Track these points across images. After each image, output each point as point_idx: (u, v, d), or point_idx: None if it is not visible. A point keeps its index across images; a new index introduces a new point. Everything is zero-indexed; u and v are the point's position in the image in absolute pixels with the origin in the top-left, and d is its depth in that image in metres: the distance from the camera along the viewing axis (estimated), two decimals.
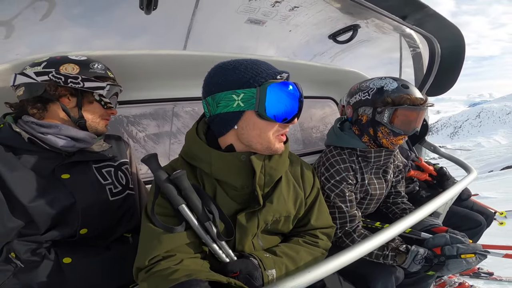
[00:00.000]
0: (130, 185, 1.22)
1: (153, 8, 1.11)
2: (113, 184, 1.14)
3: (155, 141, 1.87)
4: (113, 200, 1.12)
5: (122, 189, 1.17)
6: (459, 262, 1.12)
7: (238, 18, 1.49)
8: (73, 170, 1.05)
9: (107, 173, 1.15)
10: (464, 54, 1.91)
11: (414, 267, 1.18)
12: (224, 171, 0.95)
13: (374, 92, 1.38)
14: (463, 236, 1.24)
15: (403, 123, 1.34)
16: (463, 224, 1.75)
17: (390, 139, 1.39)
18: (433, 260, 1.16)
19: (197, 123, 1.05)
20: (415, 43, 2.04)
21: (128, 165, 1.26)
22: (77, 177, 1.05)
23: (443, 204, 1.31)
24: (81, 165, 1.09)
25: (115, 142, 1.27)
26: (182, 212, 0.89)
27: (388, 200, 1.67)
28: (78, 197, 1.02)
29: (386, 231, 1.01)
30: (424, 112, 1.37)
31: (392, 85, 1.35)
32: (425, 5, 1.42)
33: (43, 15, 1.10)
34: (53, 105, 1.05)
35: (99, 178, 1.11)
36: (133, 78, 1.48)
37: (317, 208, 1.15)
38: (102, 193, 1.10)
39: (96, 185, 1.10)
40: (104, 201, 1.10)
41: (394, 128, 1.34)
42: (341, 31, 1.80)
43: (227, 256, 0.92)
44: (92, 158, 1.13)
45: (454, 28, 1.72)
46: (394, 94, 1.33)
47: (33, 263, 0.96)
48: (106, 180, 1.13)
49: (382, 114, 1.35)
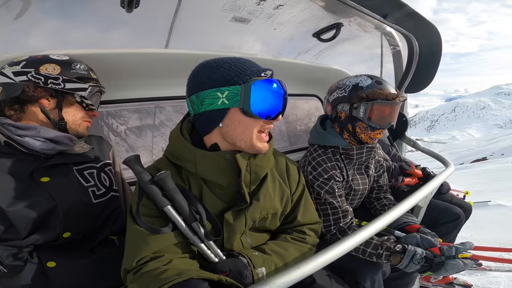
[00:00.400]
0: (114, 187, 1.18)
1: (135, 6, 1.07)
2: (96, 186, 1.11)
3: (136, 142, 1.83)
4: (97, 202, 1.09)
5: (106, 191, 1.14)
6: (456, 263, 1.12)
7: (223, 16, 1.48)
8: (52, 173, 1.01)
9: (90, 175, 1.11)
10: (441, 52, 1.98)
11: (413, 267, 1.15)
12: (209, 171, 0.95)
13: (350, 89, 1.43)
14: (433, 236, 1.28)
15: (378, 117, 1.40)
16: (442, 217, 1.81)
17: (368, 133, 1.43)
18: (433, 260, 1.14)
19: (181, 122, 1.04)
20: (395, 41, 2.10)
21: (111, 166, 1.22)
22: (57, 180, 1.01)
23: (423, 198, 1.36)
24: (61, 167, 1.05)
25: (96, 143, 1.23)
26: (168, 214, 0.88)
27: (371, 195, 1.72)
28: (59, 200, 0.98)
29: (372, 226, 1.03)
30: (398, 107, 1.42)
31: (367, 81, 1.41)
32: (405, 3, 1.46)
33: (17, 13, 1.04)
34: (31, 107, 1.00)
35: (81, 180, 1.08)
36: (114, 77, 1.44)
37: (303, 204, 1.16)
38: (84, 195, 1.07)
39: (78, 187, 1.06)
40: (87, 203, 1.07)
41: (370, 123, 1.40)
42: (325, 30, 1.82)
43: (216, 256, 0.92)
44: (73, 160, 1.08)
45: (432, 26, 1.77)
46: (368, 90, 1.39)
47: (16, 268, 0.93)
48: (89, 182, 1.10)
49: (358, 109, 1.40)
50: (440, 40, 1.86)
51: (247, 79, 0.90)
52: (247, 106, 0.89)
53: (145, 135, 1.83)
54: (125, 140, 1.74)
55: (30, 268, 0.94)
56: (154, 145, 1.86)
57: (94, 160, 1.16)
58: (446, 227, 1.80)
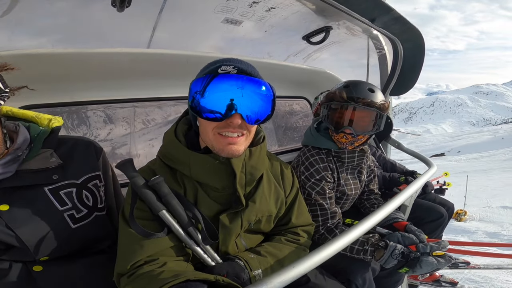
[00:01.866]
0: (98, 205, 1.04)
1: (126, 5, 1.05)
2: (75, 209, 0.96)
3: (118, 143, 1.79)
4: (77, 227, 0.96)
5: (88, 212, 0.99)
6: (430, 260, 1.18)
7: (215, 18, 1.47)
8: (14, 198, 0.86)
9: (67, 196, 0.95)
10: (424, 55, 2.04)
11: (391, 262, 1.21)
12: (203, 173, 0.94)
13: (326, 94, 1.51)
14: (420, 232, 1.33)
15: (333, 119, 1.43)
16: (427, 216, 1.88)
17: (335, 136, 1.47)
18: (409, 255, 1.20)
19: (176, 123, 1.02)
20: (381, 45, 2.16)
21: (97, 180, 1.05)
22: (19, 209, 0.86)
23: (409, 197, 1.40)
24: (26, 189, 0.88)
25: (82, 151, 1.04)
26: (163, 218, 0.87)
27: (362, 197, 1.77)
28: (22, 234, 0.85)
29: (362, 224, 1.06)
30: (360, 111, 1.37)
31: (339, 85, 1.47)
32: (392, 8, 1.51)
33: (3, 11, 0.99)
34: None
35: (55, 203, 0.92)
36: (97, 77, 1.43)
37: (297, 206, 1.18)
38: (59, 222, 0.93)
39: (50, 214, 0.91)
40: (63, 230, 0.93)
41: (327, 124, 1.45)
42: (314, 33, 1.85)
43: (212, 259, 0.92)
44: (40, 181, 0.90)
45: (416, 30, 1.83)
46: (329, 93, 1.46)
47: (1, 272, 0.87)
48: (65, 205, 0.94)
49: (323, 111, 1.48)
50: (424, 44, 1.93)
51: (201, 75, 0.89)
52: (190, 103, 0.87)
53: (127, 136, 1.79)
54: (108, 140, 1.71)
55: (15, 271, 0.89)
56: (138, 145, 1.83)
57: (74, 175, 0.99)
58: (431, 225, 1.87)
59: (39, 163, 0.90)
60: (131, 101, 1.68)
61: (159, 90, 1.68)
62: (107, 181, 1.13)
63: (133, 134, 1.79)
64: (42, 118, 0.98)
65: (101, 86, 1.51)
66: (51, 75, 1.29)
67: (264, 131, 1.12)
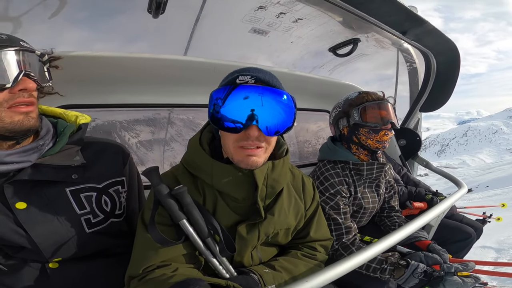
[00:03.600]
0: (116, 211, 1.01)
1: (161, 12, 1.11)
2: (92, 213, 0.93)
3: (147, 147, 1.85)
4: (91, 232, 0.94)
5: (104, 218, 0.97)
6: (455, 280, 1.12)
7: (242, 27, 1.50)
8: (32, 197, 0.83)
9: (87, 200, 0.92)
10: (459, 69, 1.95)
11: (412, 281, 1.17)
12: (225, 183, 0.92)
13: (342, 104, 1.54)
14: (444, 252, 1.27)
15: (373, 117, 1.45)
16: (453, 236, 1.77)
17: (373, 137, 1.45)
18: (432, 274, 1.16)
19: (200, 131, 1.02)
20: (412, 58, 2.09)
21: (120, 185, 1.04)
22: (36, 208, 0.83)
23: (435, 216, 1.34)
24: (47, 188, 0.85)
25: (109, 155, 1.03)
26: (183, 227, 0.86)
27: (382, 214, 1.70)
28: (33, 234, 0.83)
29: (382, 242, 1.02)
30: (387, 106, 1.47)
31: (354, 93, 1.52)
32: (425, 20, 1.46)
33: (51, 13, 1.09)
34: None
35: (75, 206, 0.89)
36: (131, 81, 1.47)
37: (316, 220, 1.14)
38: (74, 226, 0.90)
39: (66, 217, 0.89)
40: (78, 234, 0.91)
41: (368, 124, 1.43)
42: (342, 44, 1.84)
43: (227, 271, 0.90)
44: (59, 178, 0.86)
45: (451, 43, 1.76)
46: (355, 98, 1.49)
47: (16, 266, 0.88)
48: (83, 209, 0.92)
49: (353, 117, 1.47)
50: (459, 57, 1.84)
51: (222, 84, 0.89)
52: (210, 115, 0.86)
53: (158, 141, 1.85)
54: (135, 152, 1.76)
55: (30, 267, 0.89)
56: (166, 147, 1.88)
57: (97, 178, 0.96)
58: (457, 245, 1.77)
59: (61, 159, 0.86)
60: (164, 106, 1.72)
61: (191, 97, 1.69)
62: (132, 186, 1.11)
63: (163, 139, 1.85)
64: (70, 114, 0.99)
65: (136, 90, 1.55)
66: (85, 77, 1.34)
67: (287, 144, 1.09)
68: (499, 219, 2.38)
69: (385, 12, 1.40)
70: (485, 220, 2.29)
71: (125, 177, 1.06)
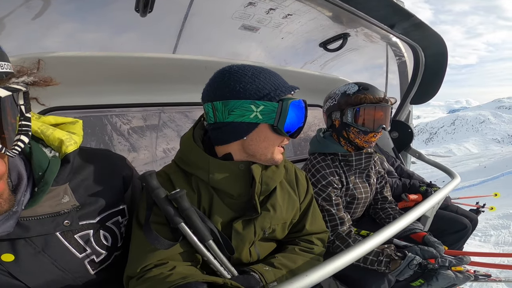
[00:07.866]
0: (118, 243, 0.88)
1: (148, 11, 1.09)
2: (94, 253, 0.81)
3: (139, 146, 1.82)
4: (97, 272, 0.83)
5: (108, 254, 0.84)
6: (448, 274, 1.14)
7: (232, 24, 1.50)
8: (18, 248, 0.69)
9: (83, 240, 0.78)
10: (446, 62, 1.98)
11: (407, 273, 1.18)
12: (222, 180, 0.93)
13: (339, 97, 1.50)
14: (439, 244, 1.29)
15: (366, 120, 1.44)
16: (449, 227, 1.80)
17: (362, 137, 1.46)
18: (426, 266, 1.17)
19: (193, 128, 1.02)
20: (400, 52, 2.12)
21: (120, 215, 0.89)
22: (26, 261, 0.70)
23: (430, 208, 1.36)
24: (35, 238, 0.71)
25: (106, 179, 0.86)
26: (182, 231, 0.85)
27: (376, 206, 1.72)
28: (33, 286, 0.72)
29: (379, 235, 1.02)
30: (386, 109, 1.46)
31: (353, 88, 1.47)
32: (412, 14, 1.48)
33: (36, 13, 1.06)
34: None
35: (73, 250, 0.76)
36: (120, 81, 1.45)
37: (311, 213, 1.15)
38: (77, 270, 0.79)
39: (65, 263, 0.76)
40: (82, 277, 0.81)
41: (359, 127, 1.43)
42: (332, 40, 1.84)
43: (228, 272, 0.90)
44: (48, 230, 0.71)
45: (438, 36, 1.78)
46: (354, 95, 1.45)
47: None
48: (84, 251, 0.79)
49: (346, 115, 1.45)
50: (446, 51, 1.87)
51: (282, 96, 0.89)
52: (281, 125, 0.89)
53: (149, 138, 1.83)
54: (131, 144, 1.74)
55: None
56: (158, 147, 1.86)
57: (90, 215, 0.80)
58: (453, 237, 1.80)
59: (46, 208, 0.71)
60: (155, 105, 1.70)
61: (184, 95, 1.66)
62: (134, 208, 0.97)
63: (156, 138, 1.83)
64: (51, 136, 0.73)
65: (125, 90, 1.52)
66: (72, 78, 1.29)
67: None
68: (492, 209, 2.44)
69: (373, 6, 1.41)
70: (479, 210, 2.34)
71: (126, 204, 0.91)
